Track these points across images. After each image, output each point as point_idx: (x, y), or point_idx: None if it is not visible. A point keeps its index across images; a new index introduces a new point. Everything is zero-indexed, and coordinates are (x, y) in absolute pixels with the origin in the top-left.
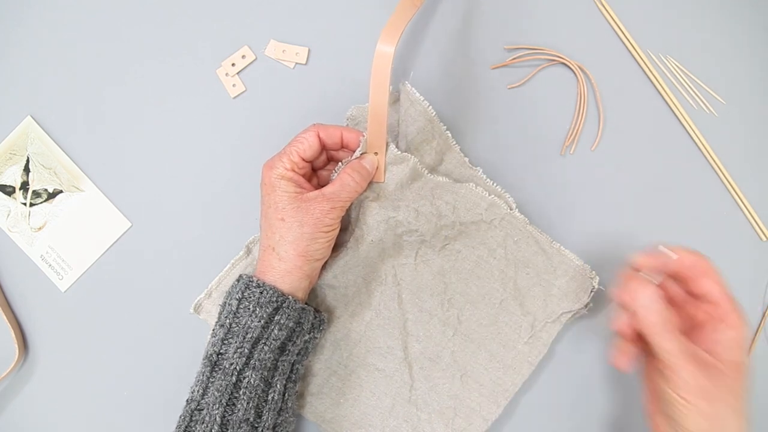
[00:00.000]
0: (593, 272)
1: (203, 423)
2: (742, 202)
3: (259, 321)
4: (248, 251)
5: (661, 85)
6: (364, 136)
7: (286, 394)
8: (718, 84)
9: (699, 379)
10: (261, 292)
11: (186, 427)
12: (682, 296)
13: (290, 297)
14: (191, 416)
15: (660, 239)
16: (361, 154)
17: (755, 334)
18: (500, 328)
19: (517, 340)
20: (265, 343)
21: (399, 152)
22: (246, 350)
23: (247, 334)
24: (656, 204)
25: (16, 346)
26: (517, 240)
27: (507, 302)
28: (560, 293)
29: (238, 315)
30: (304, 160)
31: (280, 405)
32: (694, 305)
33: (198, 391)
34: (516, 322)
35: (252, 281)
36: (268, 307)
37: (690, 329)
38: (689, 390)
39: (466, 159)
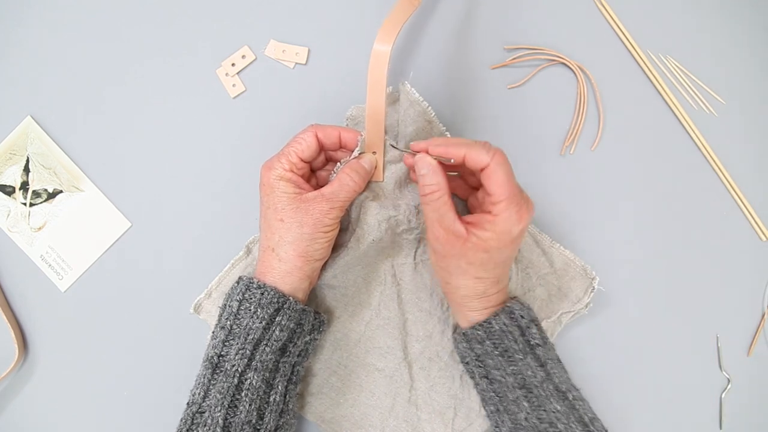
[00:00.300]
0: (593, 272)
1: (205, 426)
2: (742, 202)
3: (261, 322)
4: (248, 251)
5: (661, 85)
6: (362, 135)
7: (287, 396)
8: (718, 84)
9: (439, 242)
10: (262, 294)
11: (187, 430)
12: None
13: (291, 298)
14: (193, 419)
15: (660, 239)
16: (360, 154)
17: (755, 334)
18: None
19: None
20: (266, 345)
21: (397, 151)
22: (248, 351)
23: (248, 335)
24: (656, 204)
25: (16, 346)
26: None
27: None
28: (560, 293)
29: (239, 316)
30: (302, 160)
31: (281, 407)
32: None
33: (199, 394)
34: None
35: (252, 282)
36: (269, 308)
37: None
38: (432, 248)
39: None
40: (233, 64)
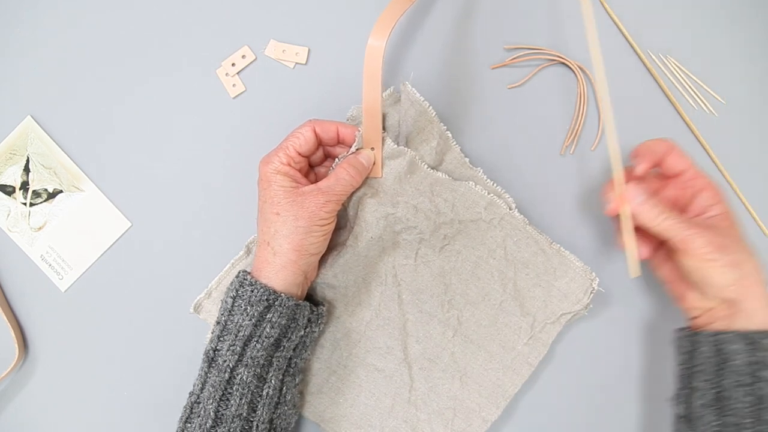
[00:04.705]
0: (593, 273)
1: (200, 416)
2: (742, 202)
3: (251, 319)
4: (248, 251)
5: (661, 85)
6: (359, 131)
7: (284, 389)
8: (718, 84)
9: (709, 237)
10: (252, 291)
11: (187, 418)
12: (664, 183)
13: (283, 295)
14: (192, 408)
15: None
16: (357, 150)
17: None
18: (500, 329)
19: (517, 341)
20: (257, 342)
21: (396, 146)
22: (238, 348)
23: (239, 332)
24: None
25: (16, 346)
26: (516, 240)
27: (507, 303)
28: (560, 294)
29: (233, 313)
30: (300, 154)
31: (276, 399)
32: (676, 187)
33: (198, 386)
34: (516, 323)
35: (246, 279)
36: (259, 306)
37: (680, 210)
38: (707, 249)
39: (467, 159)
40: (233, 64)
